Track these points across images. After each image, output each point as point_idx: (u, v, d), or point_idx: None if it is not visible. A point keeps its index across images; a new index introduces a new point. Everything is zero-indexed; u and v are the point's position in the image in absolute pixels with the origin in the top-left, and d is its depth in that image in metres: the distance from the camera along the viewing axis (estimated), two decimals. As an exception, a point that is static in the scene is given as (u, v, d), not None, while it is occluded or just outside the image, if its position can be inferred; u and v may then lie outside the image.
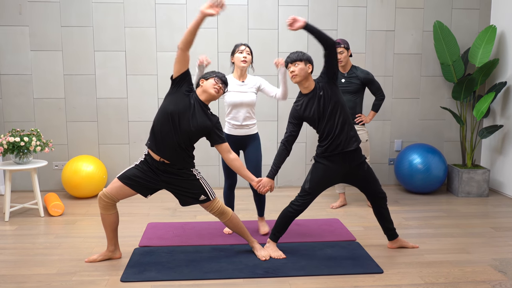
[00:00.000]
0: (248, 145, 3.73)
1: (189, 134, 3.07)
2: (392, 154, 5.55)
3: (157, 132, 3.09)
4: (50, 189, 5.24)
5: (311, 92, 3.25)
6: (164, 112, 3.07)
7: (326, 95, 3.21)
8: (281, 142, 3.37)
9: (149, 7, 5.11)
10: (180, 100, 3.07)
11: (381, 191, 3.42)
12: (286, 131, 3.36)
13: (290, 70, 3.25)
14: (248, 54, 3.62)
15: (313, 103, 3.24)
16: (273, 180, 3.38)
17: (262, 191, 3.36)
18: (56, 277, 3.04)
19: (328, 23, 5.27)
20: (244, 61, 3.60)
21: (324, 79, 3.24)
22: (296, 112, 3.32)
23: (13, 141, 4.12)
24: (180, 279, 3.01)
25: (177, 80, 3.09)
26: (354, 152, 3.29)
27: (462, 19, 5.40)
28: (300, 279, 3.02)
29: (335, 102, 3.22)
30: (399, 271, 3.14)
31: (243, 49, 3.62)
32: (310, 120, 3.29)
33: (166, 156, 3.08)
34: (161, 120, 3.07)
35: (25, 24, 5.01)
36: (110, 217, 3.20)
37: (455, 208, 4.67)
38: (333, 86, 3.24)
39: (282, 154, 3.35)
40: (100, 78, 5.16)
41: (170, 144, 3.06)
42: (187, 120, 3.06)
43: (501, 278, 3.04)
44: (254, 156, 3.72)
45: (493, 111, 5.38)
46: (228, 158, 3.21)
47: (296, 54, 3.24)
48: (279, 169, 3.37)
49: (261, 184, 3.36)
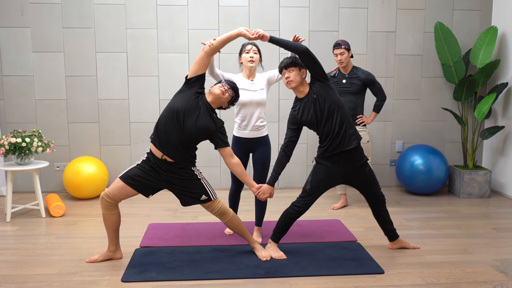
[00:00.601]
0: (257, 148, 3.62)
1: (192, 134, 3.08)
2: (393, 155, 5.55)
3: (161, 128, 3.10)
4: (51, 190, 5.25)
5: (306, 96, 3.25)
6: (170, 109, 3.09)
7: (321, 97, 3.22)
8: (280, 148, 3.34)
9: (150, 8, 5.12)
10: (188, 99, 3.10)
11: (381, 194, 3.41)
12: (286, 137, 3.34)
13: (285, 76, 3.23)
14: (255, 53, 3.54)
15: (310, 107, 3.23)
16: (273, 187, 3.37)
17: (261, 198, 3.36)
18: (57, 277, 3.04)
19: (329, 24, 5.28)
20: (251, 61, 3.51)
21: (315, 82, 3.26)
22: (293, 117, 3.30)
23: (15, 142, 4.13)
24: (180, 279, 3.01)
25: (191, 81, 3.15)
26: (355, 151, 3.28)
27: (463, 20, 5.40)
28: (301, 280, 3.02)
29: (331, 103, 3.22)
30: (400, 272, 3.14)
31: (250, 49, 3.54)
32: (309, 124, 3.28)
33: (168, 153, 3.09)
34: (167, 116, 3.09)
35: (27, 25, 5.03)
36: (112, 217, 3.20)
37: (457, 209, 4.66)
38: (326, 87, 3.23)
39: (282, 160, 3.32)
40: (101, 79, 5.17)
41: (173, 141, 3.07)
42: (191, 120, 3.07)
43: (502, 279, 3.03)
44: (262, 160, 3.62)
45: (494, 112, 5.38)
46: (230, 162, 3.20)
47: (289, 60, 3.22)
48: (279, 176, 3.35)
49: (261, 191, 3.35)
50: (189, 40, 5.19)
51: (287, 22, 5.25)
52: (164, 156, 3.11)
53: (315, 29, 5.28)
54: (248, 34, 3.12)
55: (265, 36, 3.13)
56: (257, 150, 3.63)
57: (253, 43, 3.58)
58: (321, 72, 3.22)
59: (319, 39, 5.28)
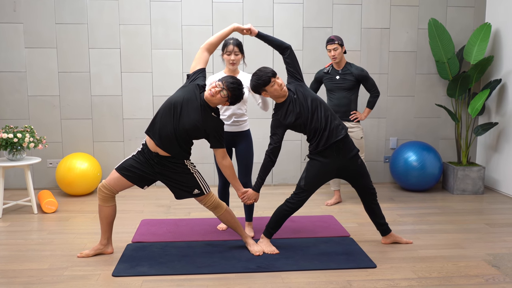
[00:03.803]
0: (239, 142, 3.66)
1: (185, 130, 3.05)
2: (387, 152, 5.54)
3: (158, 120, 3.09)
4: (44, 187, 5.23)
5: (288, 99, 3.25)
6: (169, 102, 3.09)
7: (301, 95, 3.24)
8: (266, 154, 3.29)
9: (143, 4, 5.10)
10: (187, 93, 3.09)
11: (372, 187, 3.41)
12: (270, 142, 3.28)
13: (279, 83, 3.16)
14: (236, 54, 3.54)
15: (293, 108, 3.23)
16: (258, 193, 3.37)
17: (246, 203, 3.39)
18: (48, 272, 3.02)
19: (323, 20, 5.27)
20: (233, 63, 3.56)
21: (292, 82, 3.30)
22: (278, 122, 3.26)
23: (6, 137, 4.10)
24: (172, 273, 3.00)
25: (191, 76, 3.18)
26: (346, 141, 3.28)
27: (457, 17, 5.40)
28: (292, 274, 3.01)
29: (312, 99, 3.25)
30: (392, 266, 3.13)
31: (231, 50, 3.53)
32: (296, 125, 3.26)
33: (161, 146, 3.07)
34: (164, 109, 3.09)
35: (20, 21, 5.00)
36: (108, 210, 3.19)
37: (450, 205, 4.66)
38: (302, 85, 3.31)
39: (267, 166, 3.29)
40: (94, 75, 5.15)
41: (168, 134, 3.05)
42: (187, 114, 3.05)
43: (494, 273, 3.03)
44: (245, 154, 3.65)
45: (488, 108, 5.38)
46: (220, 163, 3.19)
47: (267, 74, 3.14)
48: (264, 181, 3.35)
49: (246, 196, 3.36)
50: (183, 36, 5.17)
51: (281, 18, 5.24)
52: (157, 149, 3.09)
53: (309, 25, 5.27)
54: (242, 27, 3.33)
55: (253, 31, 3.35)
56: (239, 145, 3.66)
57: (234, 43, 3.55)
58: (300, 71, 3.34)
59: (313, 35, 5.27)
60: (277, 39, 3.35)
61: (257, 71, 3.19)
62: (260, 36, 3.36)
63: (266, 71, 3.16)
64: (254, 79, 3.18)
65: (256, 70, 3.20)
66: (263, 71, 3.17)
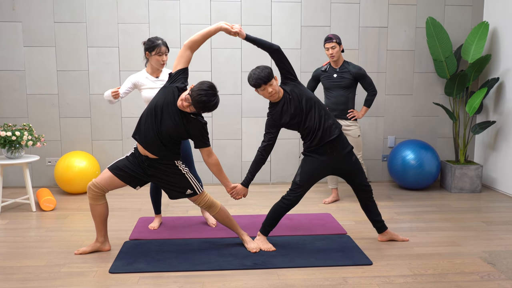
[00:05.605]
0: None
1: (167, 133, 3.03)
2: (385, 151, 5.55)
3: (142, 123, 3.10)
4: (43, 185, 5.24)
5: (282, 99, 3.26)
6: (151, 105, 3.09)
7: (296, 96, 3.25)
8: (258, 150, 3.32)
9: (142, 3, 5.11)
10: (167, 95, 3.05)
11: (367, 183, 3.43)
12: (264, 139, 3.31)
13: (268, 91, 3.17)
14: (166, 55, 3.58)
15: (287, 108, 3.24)
16: (247, 188, 3.40)
17: (235, 198, 3.41)
18: (45, 269, 3.03)
19: (321, 19, 5.28)
20: (163, 65, 3.59)
21: (287, 82, 3.29)
22: (273, 121, 3.29)
23: (5, 135, 4.12)
24: (168, 270, 3.01)
25: (172, 76, 3.11)
26: (339, 139, 3.30)
27: (454, 16, 5.41)
28: (288, 271, 3.02)
29: (307, 99, 3.25)
30: (388, 263, 3.14)
31: (164, 51, 3.55)
32: (290, 125, 3.29)
33: (148, 149, 3.08)
34: (147, 112, 3.09)
35: (18, 20, 5.02)
36: (99, 208, 3.20)
37: (448, 203, 4.67)
38: (297, 85, 3.29)
39: (259, 162, 3.32)
40: (93, 74, 5.16)
41: (152, 138, 3.05)
42: (167, 117, 3.02)
43: (490, 270, 3.04)
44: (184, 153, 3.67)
45: (485, 107, 5.39)
46: (206, 161, 3.18)
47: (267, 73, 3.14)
48: (254, 177, 3.37)
49: (234, 191, 3.38)
50: (181, 35, 5.18)
51: (279, 17, 5.25)
52: (146, 152, 3.10)
53: (307, 24, 5.28)
54: (229, 29, 3.15)
55: (242, 34, 3.19)
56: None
57: (164, 43, 3.58)
58: (292, 70, 3.29)
59: (311, 34, 5.28)
60: (266, 42, 3.23)
61: (254, 70, 3.19)
62: (249, 39, 3.21)
63: (260, 76, 3.13)
64: (248, 77, 3.21)
65: (254, 69, 3.20)
66: (257, 75, 3.14)
